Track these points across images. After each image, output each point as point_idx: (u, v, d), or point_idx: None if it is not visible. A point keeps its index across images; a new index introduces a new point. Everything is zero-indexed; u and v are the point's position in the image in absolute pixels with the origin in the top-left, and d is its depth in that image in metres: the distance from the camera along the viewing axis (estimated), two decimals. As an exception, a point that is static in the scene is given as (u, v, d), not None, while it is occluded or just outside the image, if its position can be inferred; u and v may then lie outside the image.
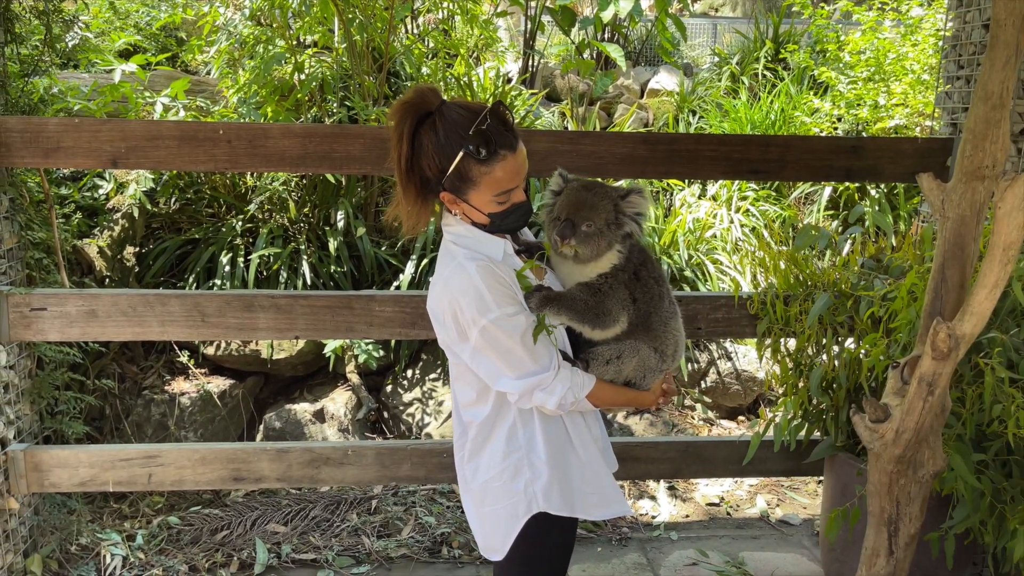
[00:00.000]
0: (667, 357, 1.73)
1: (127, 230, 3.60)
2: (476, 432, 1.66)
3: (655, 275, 1.70)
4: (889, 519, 1.81)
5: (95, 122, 2.37)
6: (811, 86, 4.93)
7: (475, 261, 1.53)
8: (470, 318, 1.51)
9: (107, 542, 2.80)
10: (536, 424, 1.63)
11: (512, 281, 1.56)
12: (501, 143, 1.49)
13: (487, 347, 1.53)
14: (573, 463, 1.68)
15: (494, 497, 1.63)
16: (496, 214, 1.56)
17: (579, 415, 1.70)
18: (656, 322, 1.70)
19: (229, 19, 3.89)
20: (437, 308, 1.58)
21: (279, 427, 3.53)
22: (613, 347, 1.67)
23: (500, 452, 1.63)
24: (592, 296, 1.63)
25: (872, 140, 2.70)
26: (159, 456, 2.61)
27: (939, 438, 1.75)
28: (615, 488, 1.75)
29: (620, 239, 1.62)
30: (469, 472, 1.68)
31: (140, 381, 3.52)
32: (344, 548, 2.90)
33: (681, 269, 3.91)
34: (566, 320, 1.63)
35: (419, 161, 1.53)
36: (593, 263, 1.63)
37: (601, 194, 1.61)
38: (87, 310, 2.47)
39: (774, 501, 3.39)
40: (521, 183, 1.56)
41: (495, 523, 1.65)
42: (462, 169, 1.50)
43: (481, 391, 1.63)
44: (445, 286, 1.55)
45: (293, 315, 2.54)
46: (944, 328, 1.55)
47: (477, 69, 4.83)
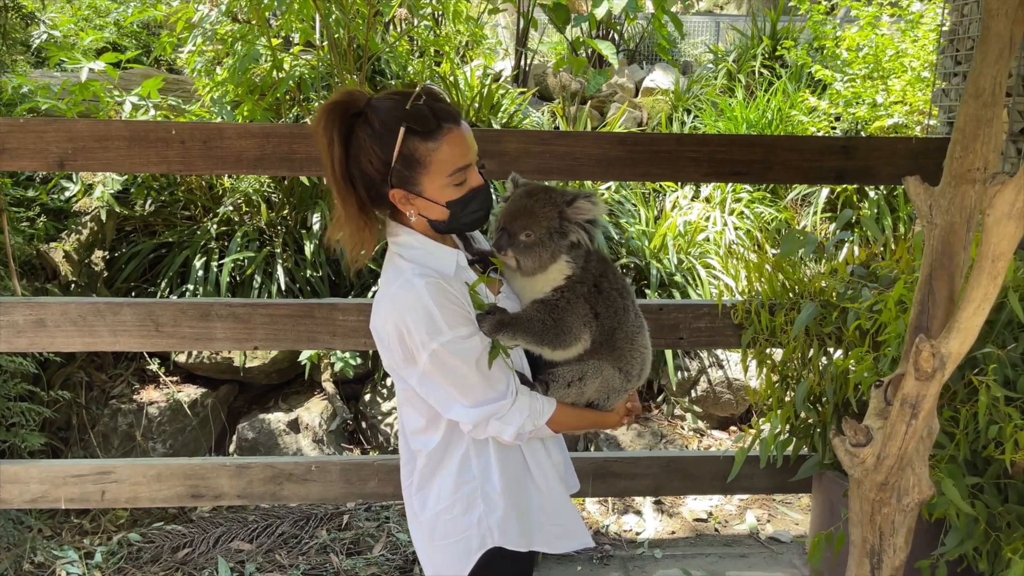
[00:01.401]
0: (632, 377, 1.60)
1: (96, 233, 3.48)
2: (425, 461, 1.53)
3: (618, 287, 1.57)
4: (872, 550, 1.67)
5: (41, 122, 2.25)
6: (809, 84, 4.78)
7: (424, 278, 1.39)
8: (419, 341, 1.38)
9: (63, 560, 2.69)
10: (491, 453, 1.51)
11: (465, 299, 1.43)
12: (443, 116, 1.37)
13: (438, 373, 1.40)
14: (532, 493, 1.56)
15: (445, 531, 1.52)
16: (456, 202, 1.41)
17: (537, 441, 1.57)
18: (621, 339, 1.57)
19: (205, 16, 3.77)
20: (382, 329, 1.44)
21: (252, 437, 3.41)
22: (575, 368, 1.54)
23: (451, 483, 1.51)
24: (549, 314, 1.49)
25: (865, 140, 2.56)
26: (113, 472, 2.49)
27: (925, 464, 1.61)
28: (576, 518, 1.63)
29: (566, 249, 1.48)
30: (417, 504, 1.56)
31: (108, 390, 3.41)
32: (311, 567, 2.78)
33: (671, 274, 3.77)
34: (523, 344, 1.50)
35: (359, 163, 1.39)
36: (542, 276, 1.50)
37: (544, 200, 1.47)
38: (35, 319, 2.36)
39: (765, 517, 3.25)
40: (474, 162, 1.43)
41: (446, 558, 1.53)
42: (407, 152, 1.36)
43: (431, 418, 1.50)
44: (391, 304, 1.41)
45: (252, 324, 2.42)
46: (927, 346, 1.41)
47: (465, 68, 4.70)
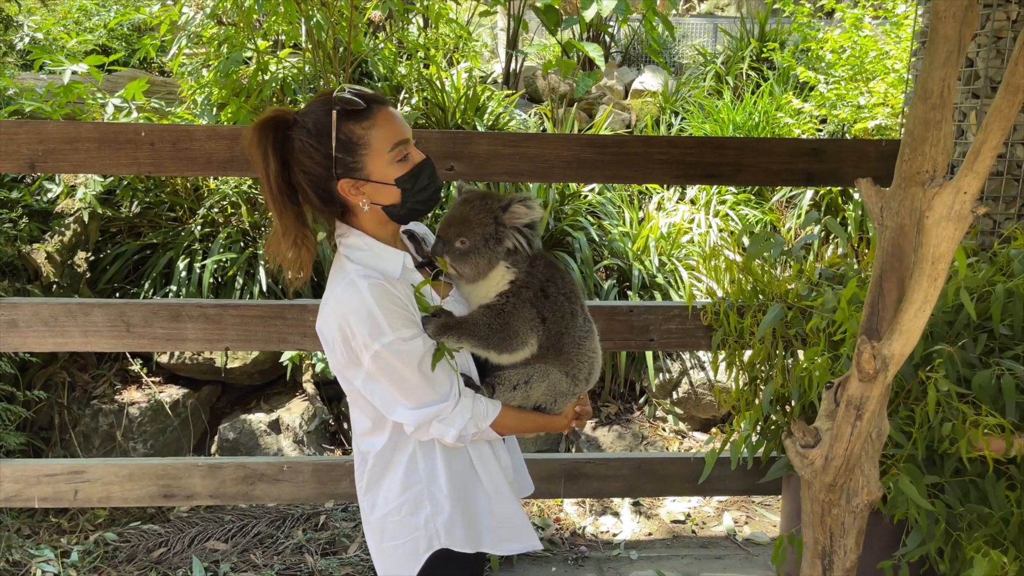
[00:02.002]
0: (580, 381, 1.60)
1: (79, 235, 3.51)
2: (373, 463, 1.54)
3: (565, 291, 1.57)
4: (823, 551, 1.68)
5: (11, 124, 2.28)
6: (796, 86, 4.78)
7: (368, 279, 1.40)
8: (362, 342, 1.39)
9: (39, 559, 2.71)
10: (438, 455, 1.52)
11: (409, 301, 1.44)
12: (370, 99, 1.41)
13: (380, 374, 1.41)
14: (479, 496, 1.57)
15: (393, 532, 1.53)
16: (404, 178, 1.42)
17: (485, 444, 1.58)
18: (568, 343, 1.57)
19: (190, 19, 3.80)
20: (326, 330, 1.45)
21: (233, 438, 3.42)
22: (521, 371, 1.55)
23: (398, 485, 1.52)
24: (496, 318, 1.49)
25: (834, 142, 2.56)
26: (85, 472, 2.51)
27: (875, 465, 1.62)
28: (524, 520, 1.64)
29: (504, 255, 1.49)
30: (367, 505, 1.57)
31: (90, 390, 3.43)
32: (286, 567, 2.79)
33: (653, 276, 3.78)
34: (469, 347, 1.51)
35: (301, 166, 1.42)
36: (484, 282, 1.51)
37: (480, 207, 1.49)
38: (6, 320, 2.38)
39: (743, 518, 3.26)
40: (411, 138, 1.46)
41: (395, 559, 1.53)
42: (345, 137, 1.39)
43: (377, 420, 1.51)
44: (336, 305, 1.42)
45: (223, 325, 2.43)
46: (868, 347, 1.41)
47: (452, 71, 4.71)
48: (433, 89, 4.30)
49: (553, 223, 3.83)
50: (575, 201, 4.05)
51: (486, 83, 5.42)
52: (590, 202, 4.08)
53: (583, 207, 4.03)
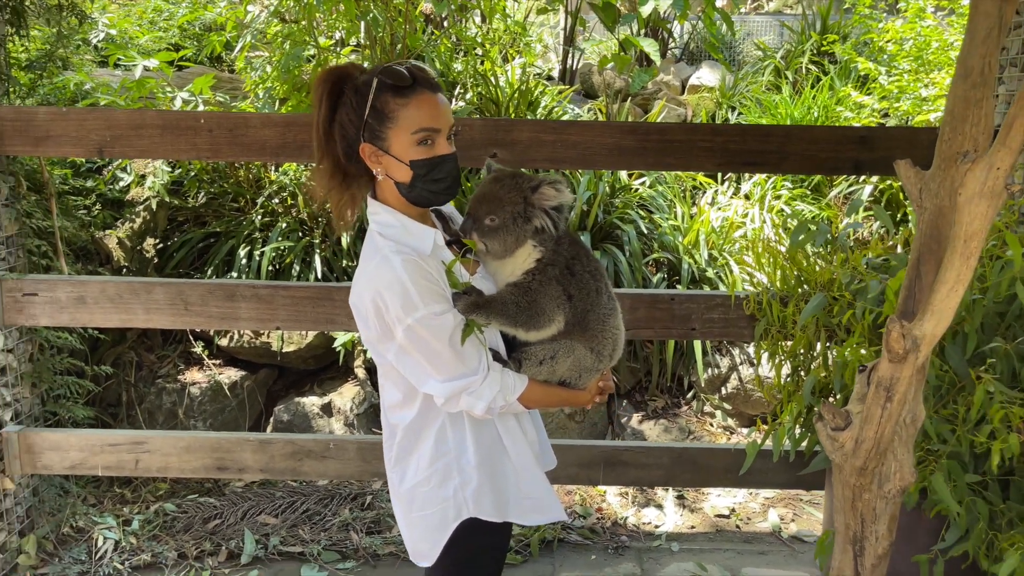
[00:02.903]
0: (604, 357, 1.62)
1: (148, 222, 3.68)
2: (403, 435, 1.58)
3: (591, 269, 1.59)
4: (854, 537, 1.66)
5: (82, 111, 2.42)
6: (857, 80, 4.67)
7: (401, 255, 1.44)
8: (395, 316, 1.43)
9: (102, 526, 2.86)
10: (466, 428, 1.56)
11: (441, 277, 1.48)
12: (420, 80, 1.44)
13: (412, 347, 1.45)
14: (506, 467, 1.61)
15: (422, 502, 1.57)
16: (419, 162, 1.45)
17: (512, 417, 1.62)
18: (593, 320, 1.60)
19: (255, 16, 3.94)
20: (360, 304, 1.49)
21: (287, 419, 3.54)
22: (547, 347, 1.58)
23: (428, 456, 1.56)
24: (523, 296, 1.53)
25: (883, 130, 2.51)
26: (146, 443, 2.64)
27: (908, 451, 1.59)
28: (550, 493, 1.67)
29: (531, 233, 1.52)
30: (396, 477, 1.61)
31: (156, 370, 3.60)
32: (332, 543, 2.88)
33: (703, 270, 3.75)
34: (497, 325, 1.54)
35: (339, 119, 1.47)
36: (511, 259, 1.54)
37: (510, 186, 1.51)
38: (76, 296, 2.53)
39: (790, 516, 3.21)
40: (444, 130, 1.48)
41: (424, 529, 1.58)
42: (379, 106, 1.43)
43: (407, 393, 1.55)
44: (368, 281, 1.46)
45: (274, 305, 2.53)
46: (897, 327, 1.40)
47: (507, 66, 4.76)
48: (487, 84, 4.36)
49: (602, 216, 3.84)
50: (626, 194, 4.05)
51: (543, 80, 5.46)
52: (640, 195, 4.08)
53: (634, 200, 4.02)
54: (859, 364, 1.92)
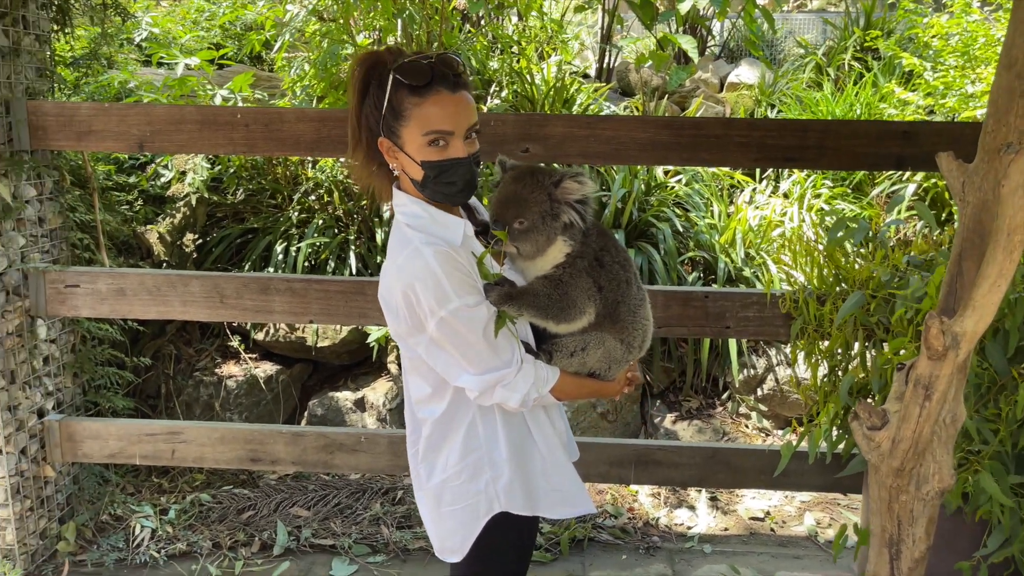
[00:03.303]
0: (634, 348, 1.60)
1: (188, 218, 3.75)
2: (431, 430, 1.56)
3: (620, 260, 1.57)
4: (890, 540, 1.61)
5: (123, 107, 2.47)
6: (902, 76, 4.56)
7: (432, 246, 1.41)
8: (427, 308, 1.40)
9: (139, 514, 2.91)
10: (497, 421, 1.54)
11: (472, 268, 1.45)
12: (438, 78, 1.41)
13: (445, 340, 1.43)
14: (536, 460, 1.59)
15: (452, 497, 1.55)
16: (430, 164, 1.43)
17: (541, 409, 1.60)
18: (624, 311, 1.58)
19: (294, 15, 3.99)
20: (389, 296, 1.47)
21: (321, 414, 3.58)
22: (578, 338, 1.56)
23: (458, 451, 1.54)
24: (555, 289, 1.51)
25: (927, 125, 2.45)
26: (182, 433, 2.69)
27: (948, 452, 1.54)
28: (579, 485, 1.65)
29: (561, 230, 1.49)
30: (424, 472, 1.59)
31: (194, 363, 3.66)
32: (363, 536, 2.89)
33: (739, 269, 3.69)
34: (528, 317, 1.52)
35: (365, 109, 1.46)
36: (542, 258, 1.52)
37: (532, 184, 1.48)
38: (116, 288, 2.58)
39: (826, 520, 3.14)
40: (459, 134, 1.44)
41: (454, 524, 1.56)
42: (395, 102, 1.41)
43: (437, 387, 1.53)
44: (399, 272, 1.43)
45: (307, 299, 2.56)
46: (936, 323, 1.35)
47: (543, 64, 4.75)
48: (523, 82, 4.35)
49: (637, 213, 3.81)
50: (661, 192, 4.01)
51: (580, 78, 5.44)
52: (677, 193, 4.03)
53: (669, 198, 3.98)
54: (897, 363, 1.87)
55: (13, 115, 2.46)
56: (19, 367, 2.58)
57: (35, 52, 2.57)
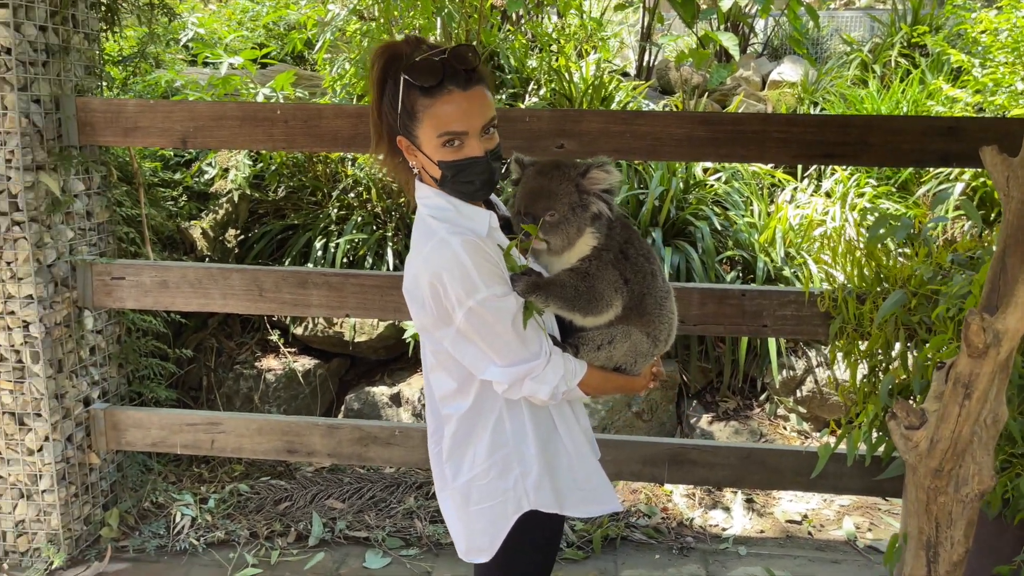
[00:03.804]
0: (660, 342, 1.59)
1: (230, 214, 3.82)
2: (456, 427, 1.52)
3: (644, 252, 1.56)
4: (928, 542, 1.58)
5: (167, 104, 2.53)
6: (950, 73, 4.45)
7: (459, 236, 1.39)
8: (455, 299, 1.38)
9: (180, 502, 2.97)
10: (525, 415, 1.51)
11: (499, 259, 1.42)
12: (449, 76, 1.38)
13: (473, 331, 1.41)
14: (562, 457, 1.56)
15: (479, 496, 1.51)
16: (447, 164, 1.42)
17: (567, 405, 1.58)
18: (650, 304, 1.56)
19: (336, 15, 4.04)
20: (415, 288, 1.44)
21: (357, 408, 3.62)
22: (605, 332, 1.55)
23: (486, 447, 1.50)
24: (581, 281, 1.49)
25: (974, 121, 2.38)
26: (221, 424, 2.74)
27: (988, 453, 1.50)
28: (605, 482, 1.62)
29: (590, 221, 1.48)
30: (449, 471, 1.55)
31: (235, 356, 3.73)
32: (396, 529, 2.92)
33: (779, 268, 3.64)
34: (555, 309, 1.50)
35: (384, 105, 1.45)
36: (569, 251, 1.51)
37: (559, 177, 1.48)
38: (159, 280, 2.64)
39: (866, 524, 3.08)
40: (474, 132, 1.42)
41: (482, 523, 1.52)
42: (408, 103, 1.40)
43: (463, 381, 1.50)
44: (425, 263, 1.41)
45: (344, 293, 2.59)
46: (976, 320, 1.32)
47: (582, 62, 4.74)
48: (561, 80, 4.35)
49: (675, 212, 3.78)
50: (700, 190, 3.97)
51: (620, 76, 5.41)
52: (715, 191, 3.99)
53: (708, 196, 3.94)
54: (937, 361, 1.83)
55: (62, 111, 2.54)
56: (66, 356, 2.66)
57: (84, 50, 2.65)
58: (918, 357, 2.08)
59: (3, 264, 2.50)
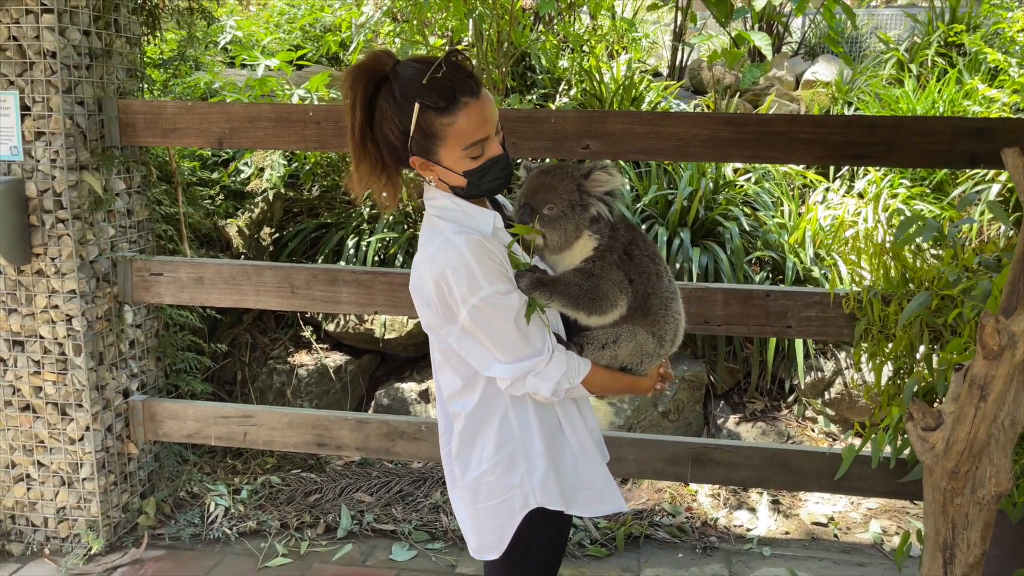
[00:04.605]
0: (666, 342, 1.60)
1: (265, 212, 3.91)
2: (464, 424, 1.55)
3: (649, 253, 1.57)
4: (944, 544, 1.58)
5: (205, 106, 2.61)
6: (988, 72, 4.37)
7: (464, 235, 1.42)
8: (459, 296, 1.41)
9: (214, 493, 3.06)
10: (530, 412, 1.53)
11: (503, 257, 1.45)
12: (461, 89, 1.40)
13: (477, 328, 1.43)
14: (567, 455, 1.58)
15: (488, 492, 1.54)
16: (473, 171, 1.44)
17: (572, 403, 1.60)
18: (656, 304, 1.58)
19: (370, 16, 4.11)
20: (421, 286, 1.47)
21: (387, 403, 3.68)
22: (610, 331, 1.57)
23: (492, 444, 1.53)
24: (586, 280, 1.51)
25: (1004, 121, 2.36)
26: (253, 416, 2.82)
27: (1006, 455, 1.50)
28: (610, 482, 1.64)
29: (588, 222, 1.51)
30: (458, 469, 1.58)
31: (268, 351, 3.82)
32: (423, 523, 2.97)
33: (808, 269, 3.62)
34: (559, 307, 1.52)
35: (381, 130, 1.44)
36: (569, 252, 1.53)
37: (561, 175, 1.50)
38: (195, 277, 2.72)
39: (893, 528, 3.05)
40: (492, 133, 1.45)
41: (490, 520, 1.55)
42: (424, 125, 1.40)
43: (468, 379, 1.53)
44: (431, 262, 1.43)
45: (373, 291, 2.65)
46: (991, 322, 1.32)
47: (613, 63, 4.75)
48: (591, 80, 4.37)
49: (704, 212, 3.77)
50: (730, 190, 3.96)
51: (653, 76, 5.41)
52: (745, 191, 3.98)
53: (738, 197, 3.93)
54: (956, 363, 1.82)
55: (105, 113, 2.63)
56: (107, 349, 2.75)
57: (126, 54, 2.74)
58: (941, 359, 2.07)
59: (48, 260, 2.60)
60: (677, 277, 3.52)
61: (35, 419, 2.72)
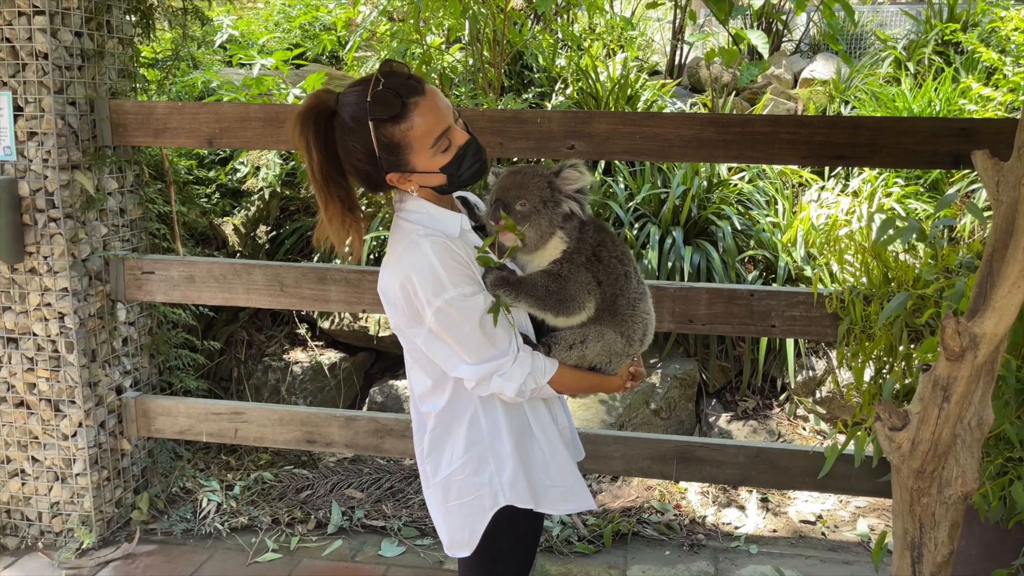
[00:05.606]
0: (634, 342, 1.62)
1: (261, 211, 3.94)
2: (435, 424, 1.57)
3: (617, 254, 1.59)
4: (912, 543, 1.59)
5: (195, 106, 2.63)
6: (985, 71, 4.35)
7: (429, 238, 1.44)
8: (424, 299, 1.42)
9: (206, 488, 3.10)
10: (499, 412, 1.55)
11: (470, 259, 1.48)
12: (406, 92, 1.41)
13: (442, 330, 1.45)
14: (536, 454, 1.60)
15: (458, 490, 1.57)
16: (449, 164, 1.46)
17: (542, 403, 1.62)
18: (623, 305, 1.59)
19: (367, 16, 4.13)
20: (388, 289, 1.49)
21: (381, 401, 3.71)
22: (577, 331, 1.58)
23: (462, 443, 1.55)
24: (553, 282, 1.53)
25: (988, 122, 2.36)
26: (244, 413, 2.85)
27: (973, 456, 1.51)
28: (579, 481, 1.66)
29: (561, 219, 1.52)
30: (430, 468, 1.60)
31: (264, 348, 3.85)
32: (412, 519, 3.00)
33: (800, 268, 3.63)
34: (525, 307, 1.53)
35: (349, 161, 1.46)
36: (541, 251, 1.54)
37: (532, 173, 1.52)
38: (186, 275, 2.76)
39: (881, 526, 3.06)
40: (452, 122, 1.46)
41: (461, 518, 1.58)
42: (385, 139, 1.42)
43: (437, 379, 1.55)
44: (397, 264, 1.45)
45: (361, 289, 2.67)
46: (952, 323, 1.33)
47: (609, 62, 4.76)
48: (587, 79, 4.37)
49: (697, 211, 3.78)
50: (723, 189, 3.97)
51: (650, 74, 5.41)
52: (739, 190, 3.98)
53: (731, 195, 3.94)
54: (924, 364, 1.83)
55: (97, 113, 2.66)
56: (100, 347, 2.79)
57: (118, 54, 2.77)
58: (919, 357, 2.09)
59: (40, 258, 2.63)
60: (669, 276, 3.54)
61: (29, 415, 2.76)
